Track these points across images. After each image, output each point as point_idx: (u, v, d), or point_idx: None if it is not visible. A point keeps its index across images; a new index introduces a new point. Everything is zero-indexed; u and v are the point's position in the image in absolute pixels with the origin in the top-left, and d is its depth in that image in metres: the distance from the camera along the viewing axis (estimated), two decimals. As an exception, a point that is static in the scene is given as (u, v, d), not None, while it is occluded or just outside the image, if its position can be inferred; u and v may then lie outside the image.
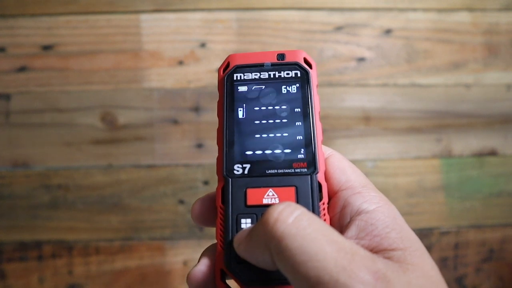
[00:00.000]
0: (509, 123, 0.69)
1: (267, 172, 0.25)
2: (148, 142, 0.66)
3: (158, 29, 0.68)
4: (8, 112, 0.66)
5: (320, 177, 0.25)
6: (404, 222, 0.22)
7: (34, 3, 0.67)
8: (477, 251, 0.66)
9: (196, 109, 0.67)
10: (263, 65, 0.28)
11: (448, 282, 0.65)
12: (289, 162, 0.25)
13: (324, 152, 0.26)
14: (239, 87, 0.27)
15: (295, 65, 0.28)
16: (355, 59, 0.69)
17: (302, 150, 0.25)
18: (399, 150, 0.67)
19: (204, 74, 0.67)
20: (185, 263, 0.64)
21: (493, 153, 0.68)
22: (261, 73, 0.28)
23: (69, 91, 0.67)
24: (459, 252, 0.66)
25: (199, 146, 0.66)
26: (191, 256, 0.64)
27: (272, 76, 0.28)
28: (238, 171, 0.25)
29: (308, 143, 0.26)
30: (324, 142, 0.25)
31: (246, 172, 0.25)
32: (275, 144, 0.26)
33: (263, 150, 0.26)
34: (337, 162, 0.26)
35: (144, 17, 0.68)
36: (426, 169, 0.67)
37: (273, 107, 0.27)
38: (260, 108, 0.27)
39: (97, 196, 0.65)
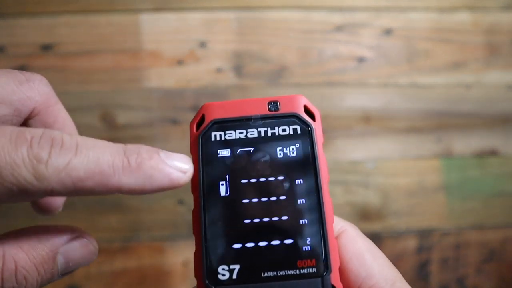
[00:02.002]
0: (510, 123, 0.68)
1: (263, 275, 0.19)
2: (148, 142, 0.66)
3: (158, 29, 0.68)
4: (7, 112, 0.66)
5: (334, 278, 0.19)
6: None
7: (34, 3, 0.67)
8: (478, 252, 0.66)
9: (196, 109, 0.67)
10: (251, 119, 0.21)
11: (449, 282, 0.65)
12: (292, 259, 0.19)
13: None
14: (219, 152, 0.21)
15: (292, 118, 0.21)
16: (355, 59, 0.68)
17: (308, 240, 0.19)
18: (399, 150, 0.67)
19: (204, 74, 0.67)
20: (184, 263, 0.64)
21: (494, 153, 0.68)
22: (248, 130, 0.21)
23: (69, 91, 0.66)
24: (460, 252, 0.65)
25: (199, 146, 0.66)
26: (190, 257, 0.64)
27: (263, 134, 0.21)
28: (223, 275, 0.19)
29: (316, 229, 0.19)
30: (324, 143, 0.22)
31: (234, 276, 0.19)
32: (271, 233, 0.20)
33: (256, 242, 0.19)
34: (351, 245, 0.20)
35: (143, 16, 0.68)
36: (426, 170, 0.67)
37: (267, 179, 0.20)
38: (249, 181, 0.20)
39: (97, 196, 0.64)
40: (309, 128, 0.21)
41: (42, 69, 0.67)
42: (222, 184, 0.21)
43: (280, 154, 0.21)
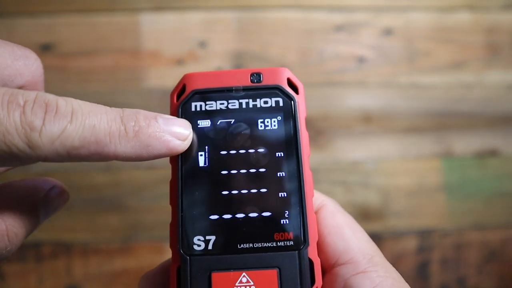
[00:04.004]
0: (510, 123, 0.68)
1: (239, 247, 0.19)
2: (148, 142, 0.66)
3: (158, 28, 0.67)
4: (7, 112, 0.66)
5: (312, 251, 0.19)
6: None
7: (33, 2, 0.67)
8: (479, 252, 0.65)
9: (196, 109, 0.66)
10: (232, 90, 0.21)
11: (449, 283, 0.65)
12: (269, 232, 0.19)
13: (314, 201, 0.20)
14: (199, 122, 0.21)
15: (275, 90, 0.21)
16: (356, 58, 0.68)
17: (287, 212, 0.19)
18: (399, 150, 0.67)
19: (204, 74, 0.67)
20: (184, 263, 0.64)
21: (494, 153, 0.68)
22: (229, 101, 0.21)
23: (68, 90, 0.66)
24: (460, 253, 0.65)
25: (199, 146, 0.66)
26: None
27: (244, 106, 0.21)
28: (199, 245, 0.19)
29: (295, 203, 0.19)
30: (324, 143, 0.22)
31: (210, 247, 0.19)
32: (249, 205, 0.19)
33: (234, 214, 0.19)
34: (330, 219, 0.20)
35: (143, 16, 0.67)
36: (427, 170, 0.67)
37: (247, 151, 0.20)
38: (228, 152, 0.20)
39: (97, 196, 0.64)
40: (292, 101, 0.21)
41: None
42: (201, 155, 0.20)
43: (261, 126, 0.20)
